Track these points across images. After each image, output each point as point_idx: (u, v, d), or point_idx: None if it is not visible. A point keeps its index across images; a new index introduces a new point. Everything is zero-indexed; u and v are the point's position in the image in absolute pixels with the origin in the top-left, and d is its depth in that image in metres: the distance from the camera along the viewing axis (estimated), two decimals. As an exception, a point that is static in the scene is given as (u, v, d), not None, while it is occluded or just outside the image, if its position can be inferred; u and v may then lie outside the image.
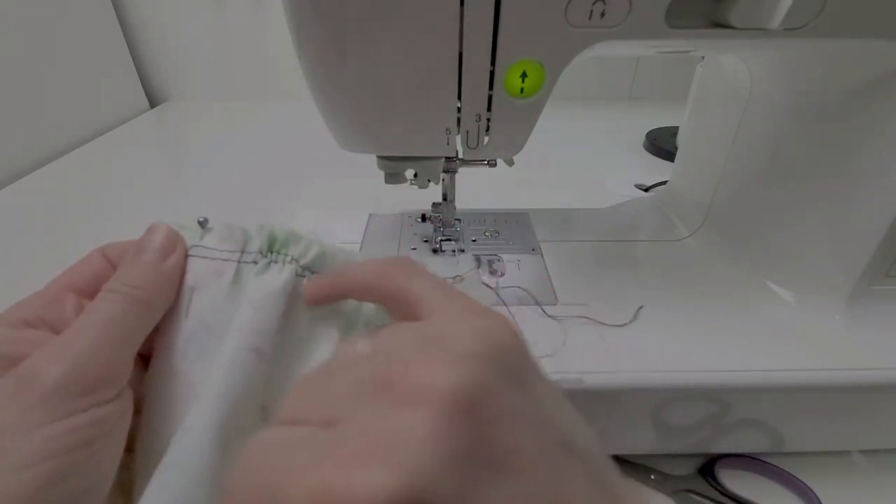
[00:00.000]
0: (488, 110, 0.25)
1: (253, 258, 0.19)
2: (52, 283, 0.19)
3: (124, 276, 0.18)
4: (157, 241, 0.19)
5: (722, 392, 0.27)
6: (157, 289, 0.18)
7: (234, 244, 0.19)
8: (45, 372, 0.15)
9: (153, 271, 0.18)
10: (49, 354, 0.15)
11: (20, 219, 0.54)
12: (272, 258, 0.19)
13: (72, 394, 0.15)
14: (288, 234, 0.20)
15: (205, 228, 0.20)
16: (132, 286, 0.17)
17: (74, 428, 0.15)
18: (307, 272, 0.20)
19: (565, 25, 0.22)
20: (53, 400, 0.14)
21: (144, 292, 0.18)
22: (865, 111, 0.26)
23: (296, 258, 0.19)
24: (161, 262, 0.18)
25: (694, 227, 0.38)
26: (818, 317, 0.30)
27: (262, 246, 0.19)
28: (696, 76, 0.57)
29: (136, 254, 0.19)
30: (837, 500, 0.28)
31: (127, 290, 0.17)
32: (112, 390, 0.16)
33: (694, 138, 0.41)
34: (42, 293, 0.18)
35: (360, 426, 0.11)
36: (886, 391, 0.27)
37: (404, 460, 0.10)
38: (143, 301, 0.17)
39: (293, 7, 0.22)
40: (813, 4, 0.21)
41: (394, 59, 0.23)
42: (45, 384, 0.14)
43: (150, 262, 0.18)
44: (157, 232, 0.19)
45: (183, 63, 0.88)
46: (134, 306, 0.17)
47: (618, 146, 0.71)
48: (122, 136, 0.77)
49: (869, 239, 0.28)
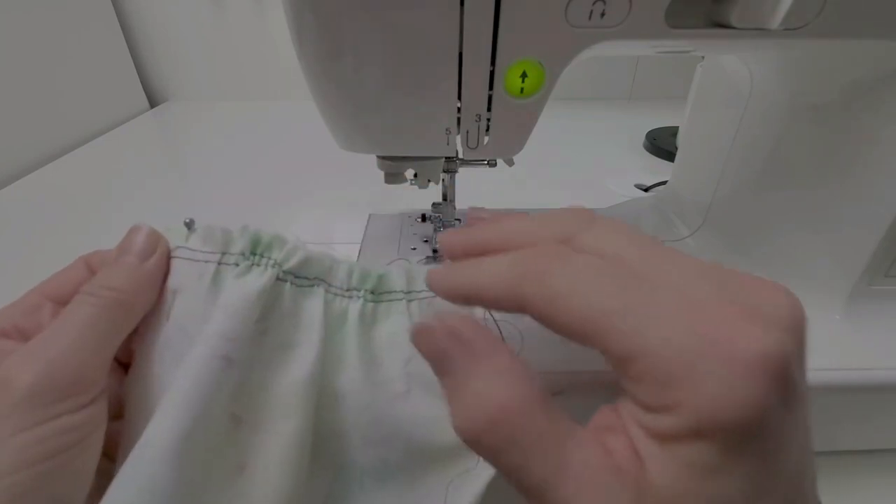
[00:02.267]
0: (488, 110, 0.25)
1: (235, 260, 0.19)
2: (31, 293, 0.18)
3: (102, 279, 0.17)
4: (137, 242, 0.18)
5: (722, 392, 0.27)
6: (135, 291, 0.17)
7: (214, 245, 0.19)
8: (17, 379, 0.14)
9: (132, 273, 0.17)
10: (20, 361, 0.15)
11: (20, 219, 0.54)
12: (254, 261, 0.19)
13: (44, 401, 0.14)
14: (272, 237, 0.19)
15: (191, 230, 0.19)
16: (109, 288, 0.17)
17: (48, 436, 0.14)
18: (290, 276, 0.19)
19: (565, 25, 0.22)
20: (25, 408, 0.14)
21: (122, 294, 0.17)
22: (865, 111, 0.26)
23: (279, 262, 0.19)
24: (141, 263, 0.18)
25: (694, 227, 0.38)
26: (818, 317, 0.30)
27: (244, 248, 0.19)
28: (696, 76, 0.57)
29: (116, 256, 0.18)
30: (837, 500, 0.28)
31: (104, 292, 0.17)
32: (86, 396, 0.15)
33: (694, 138, 0.41)
34: (19, 302, 0.18)
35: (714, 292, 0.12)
36: (886, 391, 0.27)
37: (783, 326, 0.11)
38: (120, 303, 0.17)
39: (293, 7, 0.22)
40: (813, 4, 0.21)
41: (393, 58, 0.23)
42: (17, 392, 0.14)
43: (129, 264, 0.18)
44: (137, 233, 0.19)
45: (183, 63, 0.88)
46: (110, 309, 0.17)
47: (618, 146, 0.71)
48: (122, 136, 0.77)
49: (869, 239, 0.28)
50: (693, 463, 0.11)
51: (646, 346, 0.11)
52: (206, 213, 0.20)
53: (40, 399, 0.14)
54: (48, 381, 0.14)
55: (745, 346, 0.10)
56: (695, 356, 0.11)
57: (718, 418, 0.10)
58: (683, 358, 0.11)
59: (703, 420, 0.10)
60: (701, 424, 0.10)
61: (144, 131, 0.81)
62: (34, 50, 0.66)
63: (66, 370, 0.15)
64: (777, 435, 0.11)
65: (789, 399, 0.11)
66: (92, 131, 0.75)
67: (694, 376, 0.10)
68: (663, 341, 0.11)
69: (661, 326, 0.11)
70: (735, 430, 0.10)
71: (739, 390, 0.10)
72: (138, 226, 0.19)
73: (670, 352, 0.11)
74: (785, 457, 0.11)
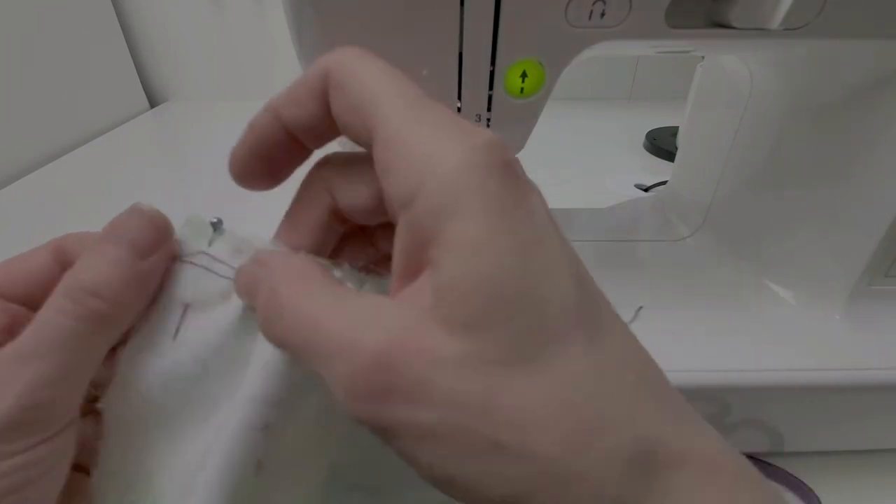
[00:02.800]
0: (488, 110, 0.25)
1: None
2: None
3: (83, 278, 0.13)
4: (133, 228, 0.14)
5: (722, 392, 0.27)
6: (124, 300, 0.13)
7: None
8: None
9: (123, 273, 0.13)
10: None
11: (19, 219, 0.54)
12: None
13: (8, 437, 0.12)
14: (329, 263, 0.15)
15: (217, 231, 0.15)
16: (91, 293, 0.13)
17: (9, 471, 0.12)
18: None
19: (565, 25, 0.22)
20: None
21: (107, 304, 0.13)
22: (865, 110, 0.26)
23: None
24: (136, 260, 0.13)
25: (694, 227, 0.38)
26: (818, 317, 0.30)
27: None
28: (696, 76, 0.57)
29: (102, 243, 0.13)
30: (837, 500, 0.28)
31: (87, 300, 0.13)
32: (56, 426, 0.13)
33: (694, 138, 0.41)
34: None
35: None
36: (886, 391, 0.27)
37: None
38: (103, 316, 0.13)
39: (293, 7, 0.22)
40: (813, 4, 0.21)
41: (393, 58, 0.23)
42: None
43: (120, 260, 0.13)
44: (136, 216, 0.14)
45: (183, 63, 0.88)
46: (93, 324, 0.13)
47: (618, 146, 0.71)
48: (122, 136, 0.77)
49: (869, 238, 0.28)
50: (459, 241, 0.10)
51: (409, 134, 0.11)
52: (205, 214, 0.19)
53: (5, 435, 0.12)
54: (16, 415, 0.12)
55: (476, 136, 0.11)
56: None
57: (458, 192, 0.10)
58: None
59: (440, 201, 0.10)
60: (444, 206, 0.10)
61: (144, 131, 0.81)
62: (34, 50, 0.66)
63: (36, 401, 0.12)
64: (516, 193, 0.11)
65: (514, 170, 0.11)
66: (92, 131, 0.75)
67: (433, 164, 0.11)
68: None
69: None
70: (479, 193, 0.10)
71: (464, 160, 0.10)
72: (139, 205, 0.14)
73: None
74: (533, 211, 0.11)
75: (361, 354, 0.10)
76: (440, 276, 0.11)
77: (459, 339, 0.10)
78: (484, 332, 0.10)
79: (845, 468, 0.30)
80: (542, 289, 0.10)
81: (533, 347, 0.10)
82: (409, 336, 0.10)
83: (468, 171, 0.10)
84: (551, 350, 0.10)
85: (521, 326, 0.10)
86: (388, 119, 0.12)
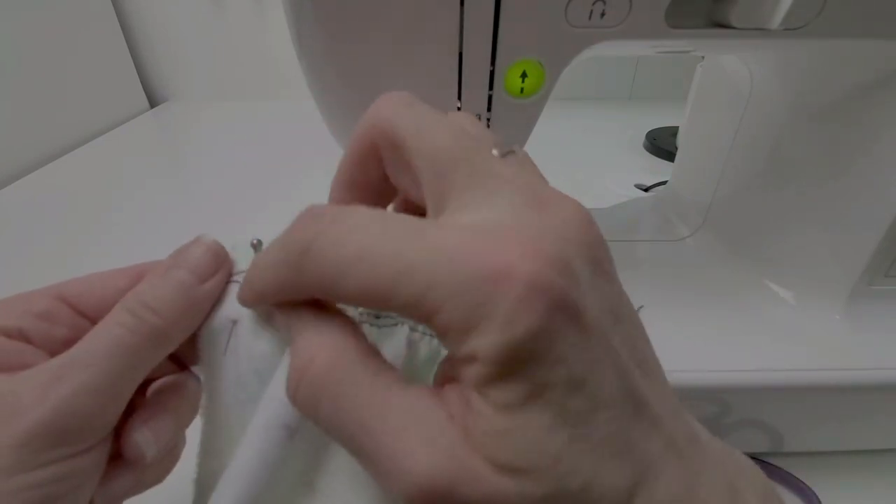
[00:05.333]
0: (488, 110, 0.25)
1: None
2: (46, 291, 0.15)
3: (145, 294, 0.14)
4: (195, 256, 0.15)
5: (722, 392, 0.27)
6: (180, 319, 0.14)
7: None
8: (25, 415, 0.12)
9: (183, 294, 0.14)
10: (31, 391, 0.13)
11: (19, 220, 0.54)
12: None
13: (50, 443, 0.12)
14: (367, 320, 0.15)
15: (258, 251, 0.16)
16: (151, 309, 0.14)
17: (47, 481, 0.12)
18: (369, 316, 0.16)
19: (565, 25, 0.22)
20: (28, 447, 0.12)
21: (164, 321, 0.14)
22: (865, 111, 0.26)
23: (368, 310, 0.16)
24: (196, 284, 0.15)
25: (694, 227, 0.38)
26: (818, 317, 0.30)
27: None
28: (696, 76, 0.57)
29: (168, 268, 0.15)
30: (837, 500, 0.28)
31: (146, 314, 0.14)
32: (94, 439, 0.13)
33: (694, 138, 0.41)
34: (28, 300, 0.15)
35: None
36: (886, 391, 0.27)
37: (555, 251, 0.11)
38: (161, 334, 0.14)
39: (293, 7, 0.22)
40: (813, 4, 0.21)
41: (394, 58, 0.23)
42: (21, 427, 0.12)
43: (182, 283, 0.14)
44: (198, 245, 0.15)
45: (183, 63, 0.88)
46: (148, 339, 0.14)
47: (618, 146, 0.71)
48: (122, 136, 0.77)
49: (869, 238, 0.28)
50: (505, 403, 0.10)
51: (436, 298, 0.10)
52: (206, 214, 0.20)
53: (45, 441, 0.12)
54: (60, 422, 0.12)
55: (518, 278, 0.10)
56: (479, 299, 0.10)
57: (505, 357, 0.10)
58: (468, 304, 0.10)
59: (496, 362, 0.10)
60: (496, 367, 0.10)
61: (144, 131, 0.81)
62: (34, 50, 0.66)
63: (81, 411, 0.13)
64: (569, 356, 0.10)
65: (572, 318, 0.10)
66: (92, 131, 0.75)
67: (479, 321, 0.10)
68: (450, 291, 0.10)
69: (449, 271, 0.11)
70: (524, 363, 0.10)
71: (517, 327, 0.10)
72: (202, 237, 0.15)
73: (457, 300, 0.10)
74: (584, 371, 0.11)
75: (416, 478, 0.10)
76: (480, 422, 0.11)
77: (507, 478, 0.10)
78: (527, 477, 0.10)
79: (845, 468, 0.30)
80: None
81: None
82: (461, 466, 0.10)
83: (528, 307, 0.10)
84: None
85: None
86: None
